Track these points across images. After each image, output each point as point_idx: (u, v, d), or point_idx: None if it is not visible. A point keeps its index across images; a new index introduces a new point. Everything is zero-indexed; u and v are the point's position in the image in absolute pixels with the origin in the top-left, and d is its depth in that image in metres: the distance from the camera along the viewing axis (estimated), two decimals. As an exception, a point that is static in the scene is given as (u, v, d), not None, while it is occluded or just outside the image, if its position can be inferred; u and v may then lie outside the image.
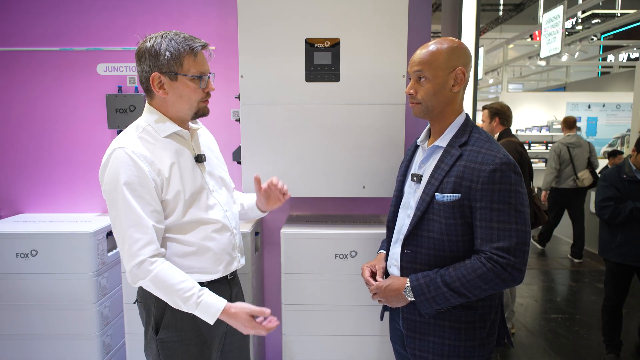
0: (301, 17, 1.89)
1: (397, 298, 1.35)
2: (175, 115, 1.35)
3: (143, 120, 1.35)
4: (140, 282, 1.27)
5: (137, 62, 1.31)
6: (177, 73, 1.28)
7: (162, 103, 1.34)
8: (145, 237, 1.24)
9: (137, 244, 1.23)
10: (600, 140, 8.91)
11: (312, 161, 1.97)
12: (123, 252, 1.26)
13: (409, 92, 1.36)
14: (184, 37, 1.29)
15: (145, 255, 1.24)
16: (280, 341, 2.05)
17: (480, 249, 1.25)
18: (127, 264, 1.26)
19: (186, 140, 1.39)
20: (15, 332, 2.15)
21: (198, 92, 1.32)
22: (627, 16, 7.61)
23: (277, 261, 2.42)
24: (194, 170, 1.38)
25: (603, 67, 12.85)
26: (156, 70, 1.27)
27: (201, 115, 1.38)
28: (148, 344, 1.39)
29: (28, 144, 2.45)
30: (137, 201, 1.24)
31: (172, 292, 1.26)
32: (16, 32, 2.37)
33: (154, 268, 1.24)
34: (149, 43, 1.28)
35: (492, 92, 14.15)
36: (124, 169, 1.23)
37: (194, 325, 1.37)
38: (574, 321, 3.57)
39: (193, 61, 1.29)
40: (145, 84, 1.32)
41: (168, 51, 1.26)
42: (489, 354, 1.37)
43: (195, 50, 1.29)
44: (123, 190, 1.23)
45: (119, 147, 1.26)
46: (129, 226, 1.23)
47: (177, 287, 1.26)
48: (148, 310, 1.38)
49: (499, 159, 1.23)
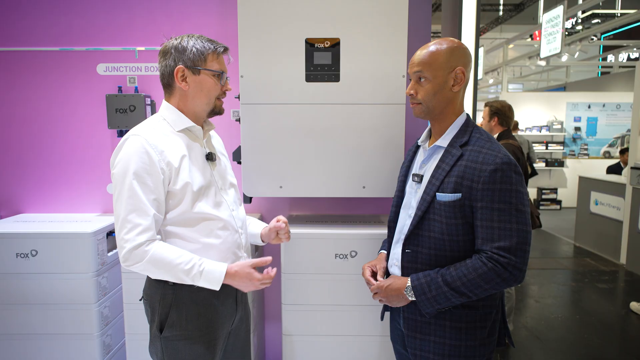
0: (301, 17, 1.89)
1: (398, 298, 1.36)
2: (192, 110, 1.41)
3: (159, 115, 1.42)
4: (137, 266, 1.28)
5: (162, 58, 1.38)
6: (201, 68, 1.36)
7: (181, 97, 1.40)
8: (144, 223, 1.27)
9: (136, 228, 1.26)
10: (600, 140, 8.91)
11: (312, 161, 1.97)
12: (120, 235, 1.28)
13: (410, 92, 1.37)
14: (209, 39, 1.40)
15: (142, 240, 1.26)
16: (280, 341, 2.05)
17: (481, 249, 1.26)
18: (123, 246, 1.27)
19: (198, 138, 1.43)
20: (15, 332, 2.15)
21: (217, 87, 1.40)
22: (627, 16, 7.61)
23: (277, 261, 2.42)
24: (204, 165, 1.41)
25: (603, 67, 12.84)
26: (181, 63, 1.35)
27: (217, 112, 1.45)
28: (152, 342, 1.40)
29: (28, 144, 2.45)
30: (142, 188, 1.28)
31: (172, 268, 1.29)
32: (17, 32, 2.37)
33: (149, 249, 1.27)
34: (176, 41, 1.37)
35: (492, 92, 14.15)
36: (135, 157, 1.28)
37: (198, 325, 1.37)
38: (574, 321, 3.57)
39: (216, 59, 1.39)
40: (167, 78, 1.38)
41: (195, 47, 1.35)
42: (489, 353, 1.37)
43: (218, 51, 1.39)
44: (130, 176, 1.27)
45: (134, 134, 1.32)
46: (130, 211, 1.27)
47: (176, 261, 1.29)
48: (153, 309, 1.39)
49: (499, 158, 1.24)
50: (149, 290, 1.41)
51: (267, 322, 2.53)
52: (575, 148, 8.93)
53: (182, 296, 1.36)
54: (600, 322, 3.52)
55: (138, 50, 2.38)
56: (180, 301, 1.36)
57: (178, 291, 1.36)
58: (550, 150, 8.79)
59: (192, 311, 1.37)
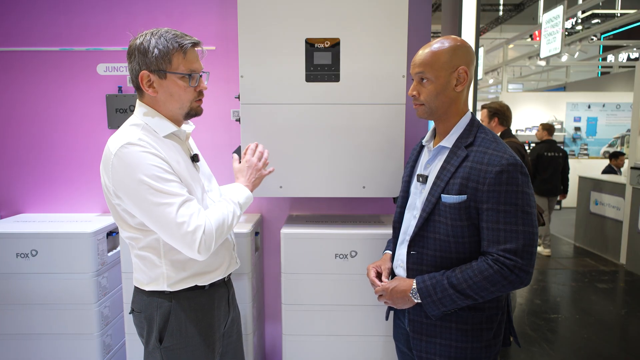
0: (301, 17, 1.89)
1: (404, 300, 1.34)
2: (168, 115, 1.31)
3: (138, 119, 1.28)
4: (212, 247, 1.23)
5: (128, 59, 1.26)
6: (166, 71, 1.23)
7: (153, 102, 1.29)
8: (191, 209, 1.21)
9: (192, 218, 1.19)
10: (600, 140, 8.92)
11: (312, 161, 1.97)
12: (180, 233, 1.18)
13: (412, 93, 1.35)
14: (174, 34, 1.24)
15: (201, 221, 1.21)
16: (280, 341, 2.05)
17: (487, 251, 1.24)
18: (194, 240, 1.19)
19: (182, 140, 1.37)
20: (16, 332, 2.15)
21: (189, 91, 1.28)
22: (627, 16, 7.62)
23: (277, 261, 2.42)
24: (191, 168, 1.36)
25: (603, 67, 12.85)
26: (145, 68, 1.23)
27: (194, 115, 1.34)
28: (150, 355, 1.34)
29: (28, 143, 2.45)
30: (166, 186, 1.19)
31: (230, 224, 1.30)
32: (16, 32, 2.37)
33: (208, 224, 1.22)
34: (139, 40, 1.24)
35: (492, 92, 14.15)
36: (141, 163, 1.17)
37: (198, 330, 1.35)
38: (574, 321, 3.57)
39: (182, 59, 1.24)
40: (135, 82, 1.27)
41: (157, 48, 1.21)
42: (495, 355, 1.35)
43: (184, 48, 1.24)
44: (147, 184, 1.17)
45: (126, 143, 1.19)
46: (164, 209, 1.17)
47: (229, 215, 1.30)
48: (150, 320, 1.33)
49: (505, 159, 1.22)
50: (142, 302, 1.33)
51: (267, 322, 2.53)
52: (575, 148, 8.93)
53: (180, 303, 1.32)
54: (600, 322, 3.53)
55: (138, 50, 2.38)
56: (178, 309, 1.32)
57: (176, 299, 1.32)
58: (550, 150, 8.78)
59: (192, 317, 1.34)
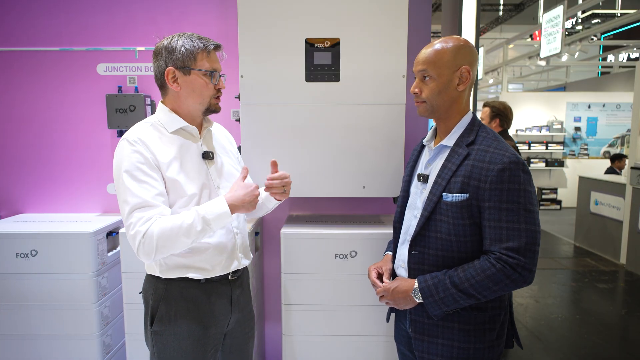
0: (301, 17, 1.89)
1: (405, 300, 1.34)
2: (187, 111, 1.40)
3: (154, 117, 1.42)
4: (153, 254, 1.25)
5: (154, 59, 1.38)
6: (191, 68, 1.35)
7: (175, 98, 1.39)
8: (145, 215, 1.25)
9: (138, 222, 1.25)
10: (600, 140, 8.92)
11: (312, 161, 1.97)
12: (127, 234, 1.27)
13: (414, 91, 1.35)
14: (199, 37, 1.38)
15: (143, 229, 1.24)
16: (280, 341, 2.05)
17: (490, 250, 1.23)
18: (134, 245, 1.26)
19: (194, 137, 1.42)
20: (15, 332, 2.15)
21: (209, 87, 1.38)
22: (627, 16, 7.61)
23: (277, 261, 2.42)
24: (199, 166, 1.39)
25: (603, 67, 12.84)
26: (171, 64, 1.34)
27: (212, 111, 1.44)
28: (146, 335, 1.44)
29: (28, 143, 2.45)
30: (140, 186, 1.27)
31: (181, 235, 1.25)
32: (16, 32, 2.37)
33: (151, 230, 1.24)
34: (167, 41, 1.36)
35: (492, 92, 14.15)
36: (127, 158, 1.29)
37: (187, 321, 1.38)
38: (574, 321, 3.57)
39: (206, 58, 1.36)
40: (160, 79, 1.38)
41: (184, 47, 1.34)
42: (497, 356, 1.35)
43: (208, 48, 1.37)
44: (124, 176, 1.28)
45: (124, 138, 1.34)
46: (124, 206, 1.28)
47: (182, 226, 1.25)
48: (147, 302, 1.42)
49: (507, 157, 1.22)
50: (145, 283, 1.44)
51: (267, 322, 2.53)
52: (575, 148, 8.93)
53: (172, 291, 1.38)
54: (600, 322, 3.52)
55: (138, 50, 2.38)
56: (170, 296, 1.37)
57: (169, 286, 1.38)
58: (550, 150, 8.79)
59: (181, 307, 1.38)
